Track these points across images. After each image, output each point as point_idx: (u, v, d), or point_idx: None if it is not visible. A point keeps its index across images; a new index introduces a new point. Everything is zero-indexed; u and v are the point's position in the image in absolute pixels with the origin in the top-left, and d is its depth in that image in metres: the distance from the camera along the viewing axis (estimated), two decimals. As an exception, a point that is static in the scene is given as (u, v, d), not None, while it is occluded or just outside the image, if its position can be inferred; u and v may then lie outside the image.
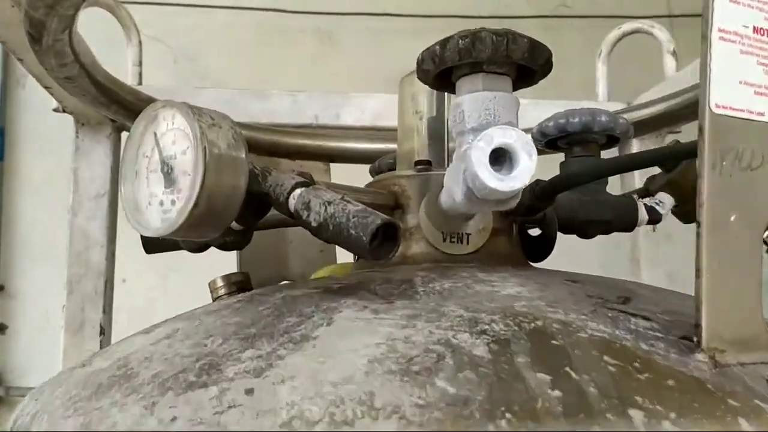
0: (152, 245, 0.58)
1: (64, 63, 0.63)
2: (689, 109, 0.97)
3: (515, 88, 0.48)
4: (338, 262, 0.82)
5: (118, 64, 0.88)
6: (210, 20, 2.40)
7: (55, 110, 0.93)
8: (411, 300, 0.41)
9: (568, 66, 1.38)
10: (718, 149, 0.34)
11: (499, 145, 0.41)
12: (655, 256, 1.03)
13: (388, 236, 0.41)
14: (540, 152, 0.43)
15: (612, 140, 0.64)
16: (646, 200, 0.63)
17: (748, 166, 0.35)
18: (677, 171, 0.62)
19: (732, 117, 0.34)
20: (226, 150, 0.41)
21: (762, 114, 0.36)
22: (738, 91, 0.35)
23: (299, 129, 0.99)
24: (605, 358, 0.34)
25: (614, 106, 1.04)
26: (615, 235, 0.65)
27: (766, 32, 0.35)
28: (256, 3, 2.39)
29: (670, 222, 0.67)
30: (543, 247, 0.61)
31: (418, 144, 0.63)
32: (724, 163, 0.34)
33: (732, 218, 0.35)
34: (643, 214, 0.62)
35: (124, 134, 1.02)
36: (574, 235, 0.62)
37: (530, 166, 0.41)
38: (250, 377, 0.34)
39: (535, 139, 0.63)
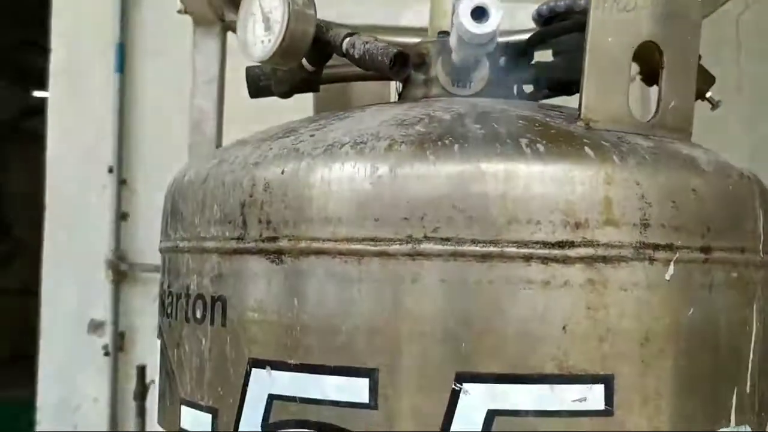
0: (255, 90, 0.83)
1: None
2: None
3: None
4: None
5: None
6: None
7: (179, 11, 1.19)
8: (419, 104, 0.64)
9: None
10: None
11: (477, 4, 0.63)
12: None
13: (403, 63, 0.65)
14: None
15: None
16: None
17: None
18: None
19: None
20: (301, 7, 0.65)
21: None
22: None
23: (366, 29, 1.22)
24: (519, 122, 0.56)
25: None
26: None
27: None
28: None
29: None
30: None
31: (446, 24, 0.85)
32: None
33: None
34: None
35: (230, 33, 1.27)
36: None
37: (498, 17, 0.63)
38: (313, 131, 0.59)
39: (534, 20, 0.84)
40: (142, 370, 1.97)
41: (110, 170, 2.34)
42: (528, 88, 0.84)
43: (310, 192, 0.54)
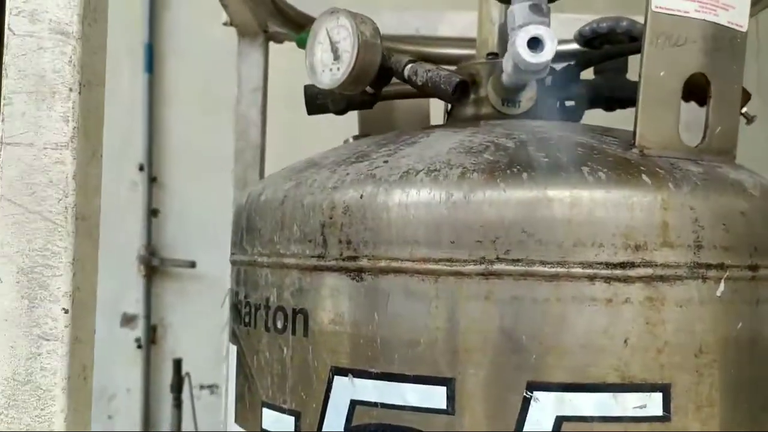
0: (312, 108, 0.88)
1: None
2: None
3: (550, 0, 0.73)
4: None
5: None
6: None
7: (224, 24, 1.24)
8: (480, 130, 0.69)
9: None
10: (652, 32, 0.60)
11: (533, 35, 0.68)
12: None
13: (464, 91, 0.69)
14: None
15: (633, 41, 0.88)
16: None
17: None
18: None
19: (661, 13, 0.60)
20: (369, 38, 0.70)
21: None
22: (667, -2, 0.60)
23: (404, 38, 1.26)
24: (579, 149, 0.61)
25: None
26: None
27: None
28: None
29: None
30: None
31: (491, 42, 0.89)
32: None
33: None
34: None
35: (272, 44, 1.32)
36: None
37: (552, 48, 0.67)
38: (385, 157, 0.64)
39: (575, 39, 0.89)
40: (178, 364, 2.03)
41: (141, 168, 2.41)
42: (569, 103, 0.89)
43: (389, 215, 0.59)
